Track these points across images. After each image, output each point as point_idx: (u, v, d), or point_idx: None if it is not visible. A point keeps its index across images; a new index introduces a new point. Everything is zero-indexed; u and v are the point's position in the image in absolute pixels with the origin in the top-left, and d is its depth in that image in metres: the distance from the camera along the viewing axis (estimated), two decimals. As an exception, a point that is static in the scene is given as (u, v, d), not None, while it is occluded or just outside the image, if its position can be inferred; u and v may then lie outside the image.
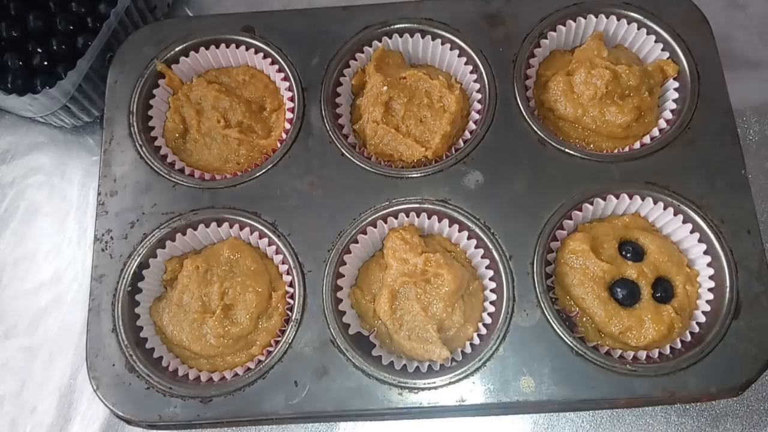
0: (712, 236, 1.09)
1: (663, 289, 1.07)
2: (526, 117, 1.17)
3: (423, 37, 1.26)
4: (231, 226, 1.16)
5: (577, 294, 1.07)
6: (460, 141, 1.20)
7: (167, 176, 1.18)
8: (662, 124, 1.18)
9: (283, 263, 1.13)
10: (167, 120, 1.25)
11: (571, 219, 1.13)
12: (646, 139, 1.18)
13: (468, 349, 1.06)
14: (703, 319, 1.07)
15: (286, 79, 1.24)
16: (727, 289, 1.06)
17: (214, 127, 1.23)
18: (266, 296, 1.10)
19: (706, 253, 1.09)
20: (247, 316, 1.08)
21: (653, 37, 1.23)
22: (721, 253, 1.07)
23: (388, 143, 1.19)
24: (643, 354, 1.05)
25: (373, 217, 1.12)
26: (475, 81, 1.23)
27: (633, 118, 1.16)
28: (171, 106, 1.25)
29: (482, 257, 1.12)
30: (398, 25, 1.25)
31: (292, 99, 1.23)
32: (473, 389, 1.02)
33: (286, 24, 1.27)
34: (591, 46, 1.21)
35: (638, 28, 1.24)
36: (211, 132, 1.23)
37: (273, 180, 1.16)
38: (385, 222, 1.14)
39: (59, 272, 1.32)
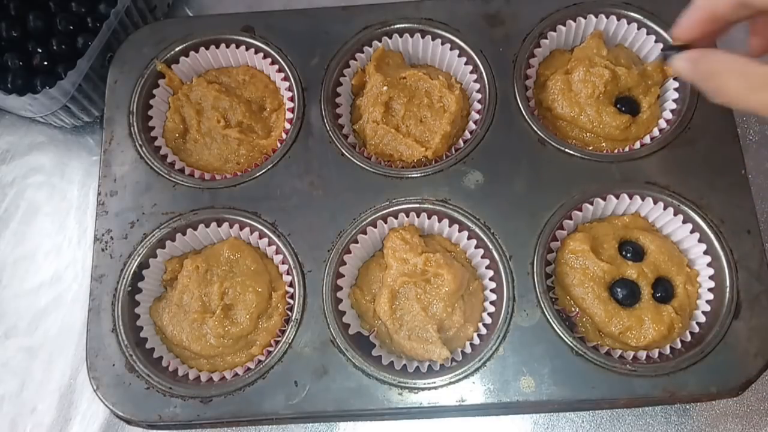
0: (712, 236, 1.09)
1: (663, 289, 1.07)
2: (526, 117, 1.17)
3: (423, 37, 1.26)
4: (231, 226, 1.16)
5: (577, 294, 1.07)
6: (460, 141, 1.20)
7: (167, 176, 1.18)
8: (662, 124, 1.18)
9: (283, 263, 1.13)
10: (167, 120, 1.25)
11: (571, 219, 1.13)
12: (646, 139, 1.17)
13: (468, 349, 1.06)
14: (703, 319, 1.07)
15: (286, 79, 1.24)
16: (727, 289, 1.05)
17: (214, 127, 1.22)
18: (266, 296, 1.10)
19: (706, 253, 1.09)
20: (247, 316, 1.08)
21: (653, 37, 1.23)
22: (721, 253, 1.07)
23: (388, 143, 1.19)
24: (643, 354, 1.05)
25: (373, 217, 1.12)
26: (475, 81, 1.23)
27: (629, 120, 1.16)
28: (171, 106, 1.25)
29: (482, 257, 1.12)
30: (398, 25, 1.25)
31: (292, 99, 1.22)
32: (473, 389, 1.02)
33: (286, 24, 1.27)
34: (590, 45, 1.21)
35: (638, 28, 1.24)
36: (211, 132, 1.23)
37: (273, 180, 1.16)
38: (385, 222, 1.14)
39: (59, 272, 1.32)
